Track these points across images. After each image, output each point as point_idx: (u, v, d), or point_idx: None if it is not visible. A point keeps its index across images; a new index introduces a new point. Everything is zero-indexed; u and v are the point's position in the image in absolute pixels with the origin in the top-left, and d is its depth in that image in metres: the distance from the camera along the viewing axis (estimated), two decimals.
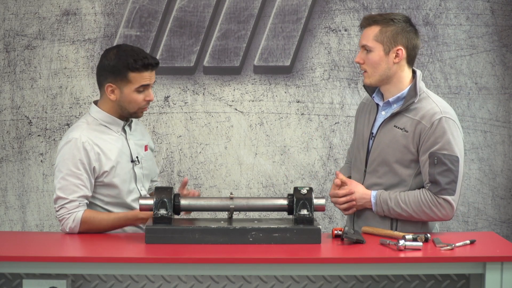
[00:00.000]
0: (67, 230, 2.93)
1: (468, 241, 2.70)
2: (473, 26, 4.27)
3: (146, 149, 3.17)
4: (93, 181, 2.98)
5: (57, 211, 2.95)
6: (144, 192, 3.11)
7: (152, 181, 3.27)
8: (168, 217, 2.73)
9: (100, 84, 3.05)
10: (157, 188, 2.79)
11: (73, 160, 2.94)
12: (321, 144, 4.31)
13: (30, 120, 4.30)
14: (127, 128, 3.10)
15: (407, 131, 2.91)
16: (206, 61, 4.29)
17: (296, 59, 4.29)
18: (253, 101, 4.31)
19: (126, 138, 3.08)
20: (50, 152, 4.29)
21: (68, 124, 4.29)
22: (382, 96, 3.04)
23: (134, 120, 3.17)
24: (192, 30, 4.28)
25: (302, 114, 4.31)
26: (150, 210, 2.76)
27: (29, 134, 4.31)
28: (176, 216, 2.85)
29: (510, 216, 4.33)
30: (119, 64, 2.97)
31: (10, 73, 4.30)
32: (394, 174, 2.96)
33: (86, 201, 2.97)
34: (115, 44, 4.24)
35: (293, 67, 4.29)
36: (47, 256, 2.55)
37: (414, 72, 3.00)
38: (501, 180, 4.32)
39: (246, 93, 4.31)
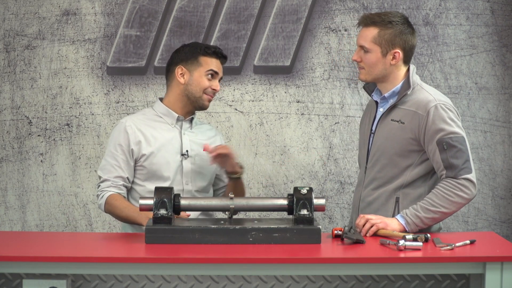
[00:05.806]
0: (98, 207, 3.15)
1: (468, 241, 2.70)
2: (473, 26, 4.26)
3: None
4: (132, 163, 3.15)
5: (97, 188, 3.17)
6: (189, 188, 3.19)
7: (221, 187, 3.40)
8: (168, 217, 2.73)
9: (170, 72, 3.23)
10: (157, 188, 2.80)
11: (114, 142, 3.16)
12: (321, 144, 4.31)
13: (30, 120, 4.30)
14: (185, 124, 3.23)
15: (403, 123, 2.95)
16: None
17: (296, 59, 4.29)
18: (253, 101, 4.31)
19: (180, 132, 3.22)
20: (50, 152, 4.29)
21: (68, 124, 4.29)
22: (380, 93, 3.08)
23: (206, 124, 3.34)
24: (192, 30, 4.28)
25: (302, 114, 4.30)
26: (150, 210, 2.77)
27: (29, 134, 4.31)
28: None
29: (510, 216, 4.33)
30: (192, 50, 3.20)
31: (10, 73, 4.29)
32: (393, 166, 2.98)
33: (122, 182, 3.13)
34: (115, 44, 4.25)
35: (293, 67, 4.28)
36: (47, 256, 2.55)
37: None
38: (501, 180, 4.31)
39: (246, 93, 4.31)
